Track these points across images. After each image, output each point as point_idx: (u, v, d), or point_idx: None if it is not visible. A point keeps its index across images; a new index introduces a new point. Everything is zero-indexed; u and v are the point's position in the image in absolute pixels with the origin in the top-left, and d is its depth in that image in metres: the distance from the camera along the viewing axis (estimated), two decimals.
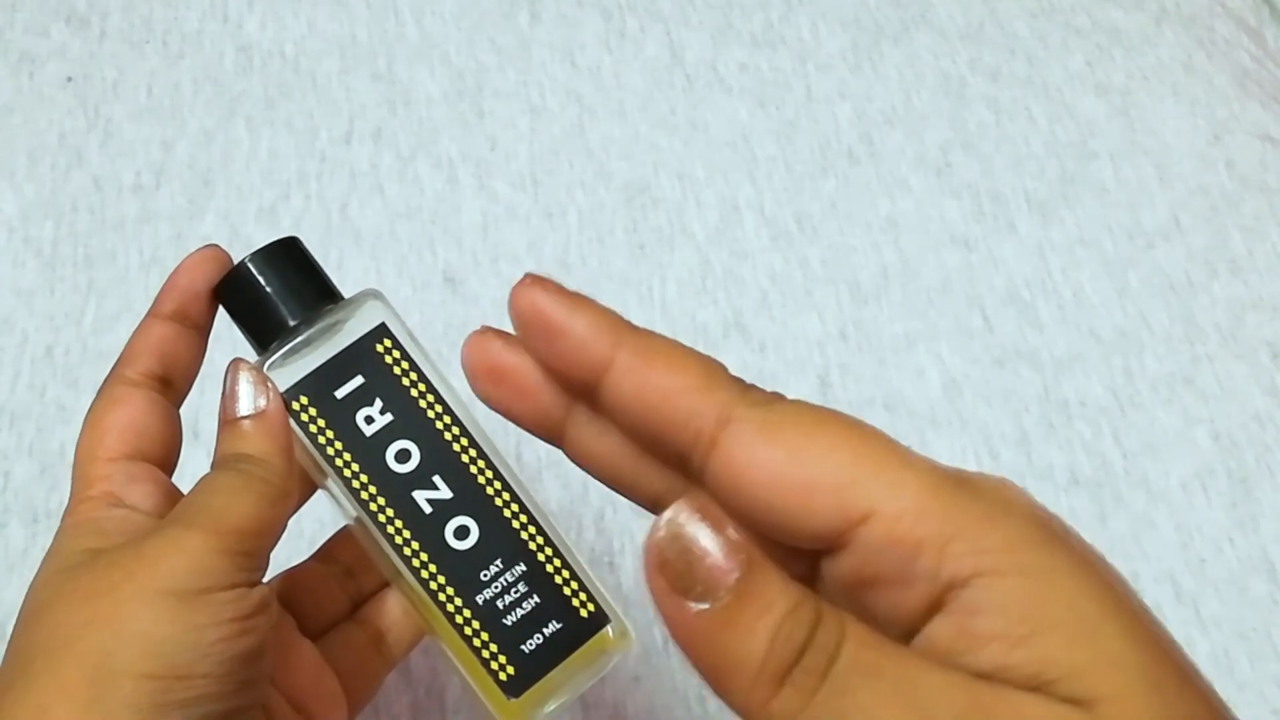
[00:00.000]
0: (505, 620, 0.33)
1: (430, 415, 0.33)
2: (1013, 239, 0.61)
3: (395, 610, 0.36)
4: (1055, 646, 0.20)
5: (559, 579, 0.33)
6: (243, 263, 0.33)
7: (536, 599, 0.33)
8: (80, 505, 0.31)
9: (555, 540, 0.34)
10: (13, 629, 0.29)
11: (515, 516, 0.33)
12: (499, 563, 0.33)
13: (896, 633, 0.21)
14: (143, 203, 0.59)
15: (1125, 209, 0.63)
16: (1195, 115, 0.66)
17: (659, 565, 0.20)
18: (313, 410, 0.32)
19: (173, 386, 0.34)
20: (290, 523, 0.32)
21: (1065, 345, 0.58)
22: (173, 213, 0.59)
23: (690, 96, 0.65)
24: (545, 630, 0.33)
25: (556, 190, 0.61)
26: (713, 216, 0.61)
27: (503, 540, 0.33)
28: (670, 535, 0.20)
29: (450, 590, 0.32)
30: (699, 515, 0.20)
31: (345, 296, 0.34)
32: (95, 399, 0.33)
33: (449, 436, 0.33)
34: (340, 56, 0.65)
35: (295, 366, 0.33)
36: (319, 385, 0.33)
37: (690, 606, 0.20)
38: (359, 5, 0.67)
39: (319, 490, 0.34)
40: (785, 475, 0.21)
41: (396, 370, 0.33)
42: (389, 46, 0.66)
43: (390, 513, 0.32)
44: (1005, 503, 0.21)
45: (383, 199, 0.60)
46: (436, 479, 0.33)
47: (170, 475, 0.33)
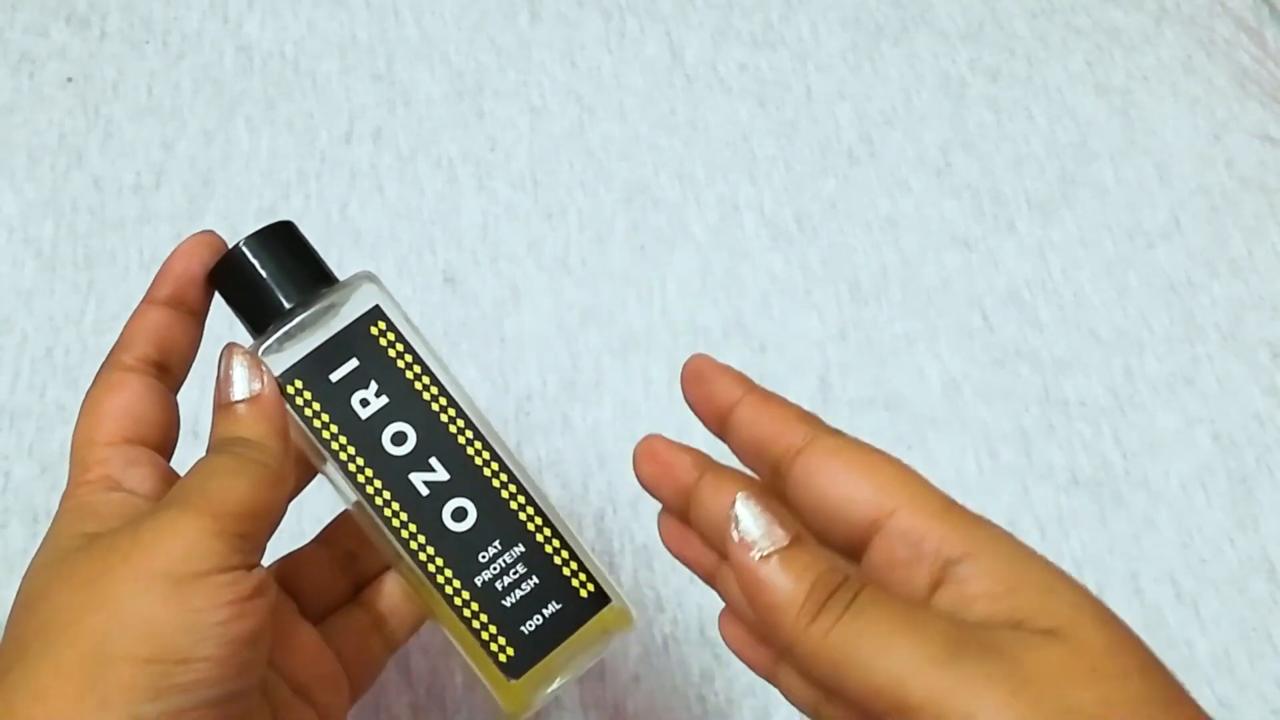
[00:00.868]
0: (504, 601, 0.32)
1: (426, 397, 0.33)
2: (1013, 239, 0.61)
3: (397, 593, 0.36)
4: (1027, 598, 0.26)
5: (558, 559, 0.33)
6: (237, 247, 0.33)
7: (536, 580, 0.33)
8: (77, 489, 0.31)
9: (554, 521, 0.33)
10: (10, 614, 0.29)
11: (513, 498, 0.33)
12: (497, 544, 0.33)
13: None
14: (143, 203, 0.59)
15: (1125, 209, 0.63)
16: (1195, 115, 0.67)
17: (735, 533, 0.28)
18: (308, 394, 0.32)
19: (169, 372, 0.33)
20: (294, 522, 0.32)
21: (1065, 345, 0.58)
22: (173, 213, 0.59)
23: (690, 96, 0.65)
24: (545, 611, 0.33)
25: (556, 190, 0.61)
26: (713, 216, 0.61)
27: (501, 521, 0.33)
28: (744, 507, 0.28)
29: (449, 572, 0.32)
30: (761, 500, 0.28)
31: (340, 280, 0.34)
32: (92, 385, 0.33)
33: (445, 418, 0.33)
34: (340, 56, 0.65)
35: (290, 350, 0.32)
36: (314, 369, 0.32)
37: (756, 555, 0.27)
38: (359, 5, 0.67)
39: (318, 476, 0.34)
40: (845, 477, 0.29)
41: (391, 353, 0.33)
42: (389, 46, 0.66)
43: (387, 495, 0.32)
44: (995, 526, 0.28)
45: (383, 199, 0.60)
46: (433, 461, 0.33)
47: (168, 460, 0.33)
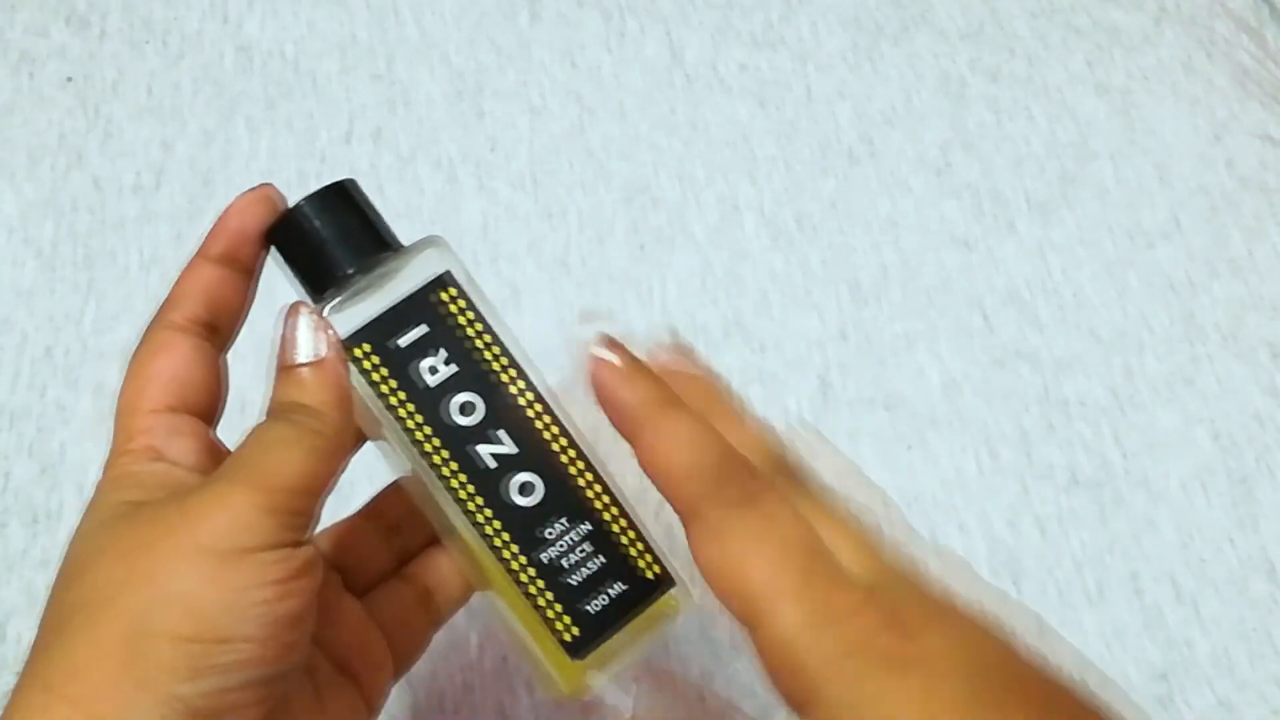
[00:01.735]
0: (569, 580, 0.32)
1: (495, 368, 0.32)
2: (1013, 239, 0.61)
3: (444, 567, 0.35)
4: None
5: (624, 539, 0.32)
6: (299, 205, 0.32)
7: (601, 559, 0.32)
8: (120, 459, 0.30)
9: (621, 500, 0.33)
10: (54, 583, 0.28)
11: (581, 474, 0.32)
12: (563, 521, 0.32)
13: None
14: (143, 203, 0.59)
15: (1125, 209, 0.63)
16: (1195, 115, 0.66)
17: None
18: (375, 359, 0.31)
19: (219, 332, 0.33)
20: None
21: (1065, 345, 0.58)
22: (173, 213, 0.59)
23: (690, 96, 0.65)
24: (610, 591, 0.32)
25: (556, 190, 0.61)
26: (713, 216, 0.61)
27: (568, 498, 0.32)
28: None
29: (514, 548, 0.31)
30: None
31: (402, 244, 0.33)
32: (139, 345, 0.32)
33: (514, 390, 0.32)
34: (340, 56, 0.65)
35: (356, 313, 0.31)
36: (381, 333, 0.31)
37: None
38: (359, 5, 0.67)
39: (365, 447, 0.33)
40: (714, 573, 0.28)
41: (461, 320, 0.32)
42: (389, 46, 0.66)
43: (454, 466, 0.31)
44: (856, 643, 0.26)
45: (382, 199, 0.59)
46: (500, 433, 0.32)
47: (214, 425, 0.32)
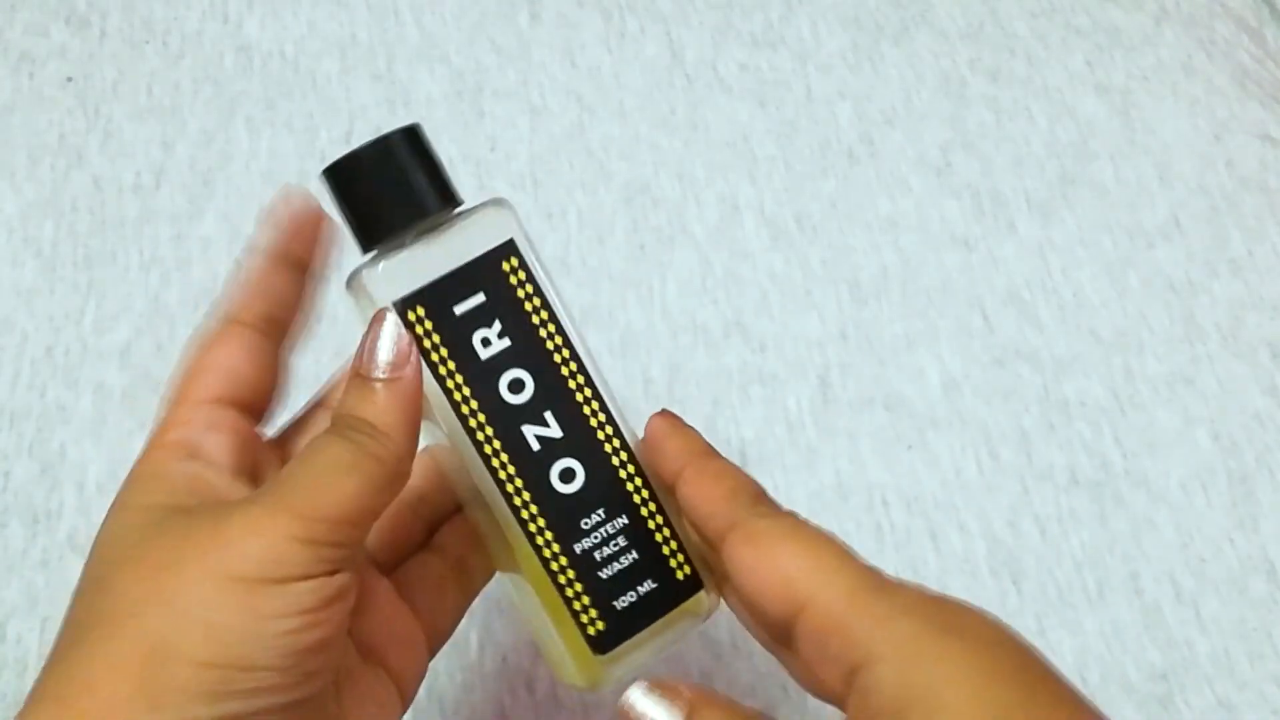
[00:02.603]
0: (601, 573, 0.31)
1: (550, 347, 0.31)
2: (1013, 239, 0.61)
3: (475, 534, 0.34)
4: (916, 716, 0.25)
5: (659, 537, 0.32)
6: (362, 149, 0.30)
7: (635, 555, 0.31)
8: (152, 451, 0.30)
9: (660, 497, 0.32)
10: (77, 585, 0.28)
11: (623, 466, 0.31)
12: (601, 512, 0.31)
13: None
14: (143, 203, 0.59)
15: (1125, 209, 0.63)
16: (1195, 115, 0.66)
17: None
18: (429, 323, 0.30)
19: (279, 325, 0.32)
20: None
21: (1065, 345, 0.58)
22: (173, 213, 0.59)
23: (690, 96, 0.65)
24: (640, 588, 0.31)
25: (556, 190, 0.61)
26: (713, 216, 0.61)
27: (608, 490, 0.31)
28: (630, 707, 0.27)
29: (550, 534, 0.30)
30: (650, 690, 0.28)
31: (465, 202, 0.31)
32: (194, 335, 0.31)
33: (566, 372, 0.31)
34: (340, 56, 0.65)
35: (413, 274, 0.29)
36: (439, 298, 0.30)
37: None
38: (359, 5, 0.67)
39: None
40: (754, 570, 0.28)
41: (521, 293, 0.30)
42: (389, 46, 0.66)
43: (497, 444, 0.30)
44: (910, 604, 0.27)
45: None
46: (549, 415, 0.31)
47: (265, 419, 0.31)
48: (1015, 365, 0.57)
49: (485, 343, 0.30)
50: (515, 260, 0.31)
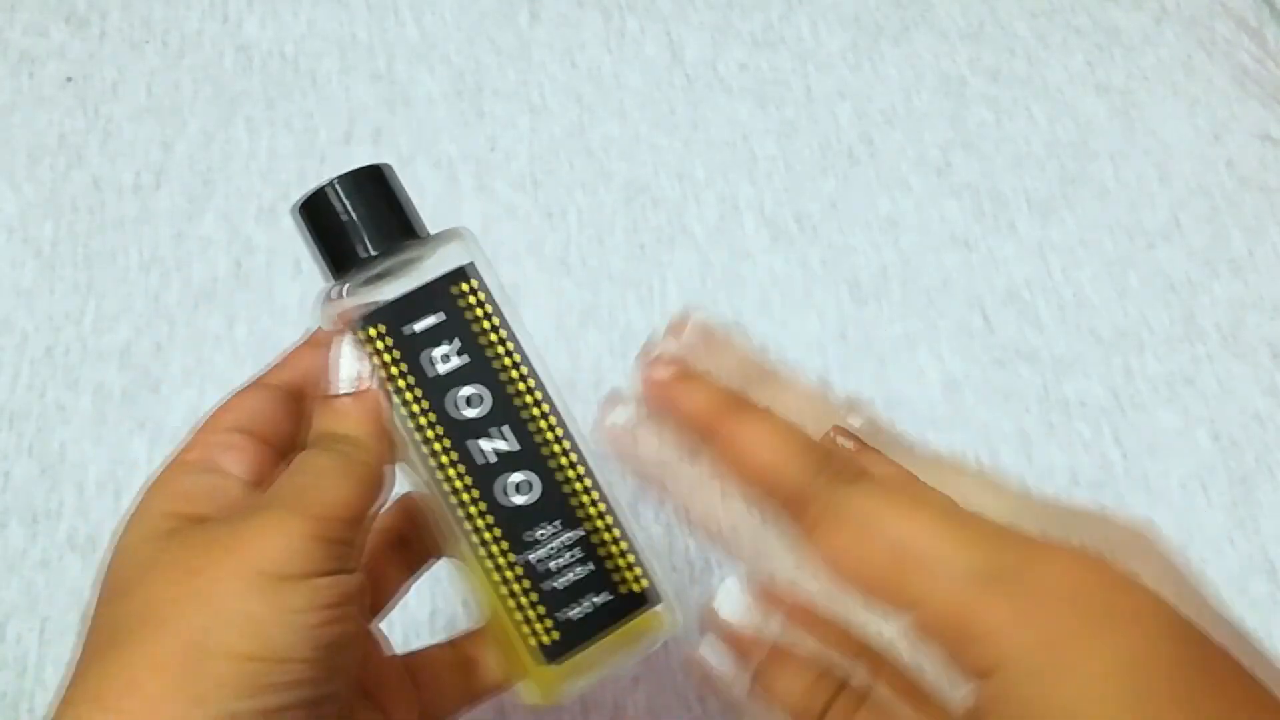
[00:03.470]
0: (554, 584, 0.32)
1: (506, 364, 0.32)
2: (1013, 239, 0.61)
3: (490, 647, 0.35)
4: None
5: (615, 549, 0.32)
6: (330, 184, 0.32)
7: (588, 567, 0.32)
8: (171, 466, 0.31)
9: (615, 510, 0.33)
10: (99, 594, 0.28)
11: (579, 479, 0.32)
12: (555, 524, 0.32)
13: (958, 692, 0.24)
14: (143, 203, 0.59)
15: (1125, 209, 0.63)
16: (1195, 115, 0.66)
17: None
18: (388, 340, 0.31)
19: (308, 402, 0.33)
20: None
21: (1065, 345, 0.58)
22: (173, 213, 0.59)
23: (690, 96, 0.65)
24: (593, 600, 0.32)
25: (556, 190, 0.61)
26: (713, 216, 0.61)
27: (562, 502, 0.32)
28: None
29: (503, 544, 0.31)
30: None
31: (429, 233, 0.33)
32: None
33: (522, 388, 0.32)
34: (340, 56, 0.65)
35: (374, 295, 0.31)
36: (397, 316, 0.31)
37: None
38: (359, 5, 0.67)
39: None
40: (843, 562, 0.25)
41: (478, 313, 0.32)
42: (389, 46, 0.66)
43: (453, 456, 0.31)
44: (1046, 591, 0.22)
45: None
46: (504, 429, 0.32)
47: (277, 460, 0.33)
48: (1015, 365, 0.57)
49: (443, 359, 0.32)
50: (473, 282, 0.32)
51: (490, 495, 0.32)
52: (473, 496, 0.31)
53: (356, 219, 0.32)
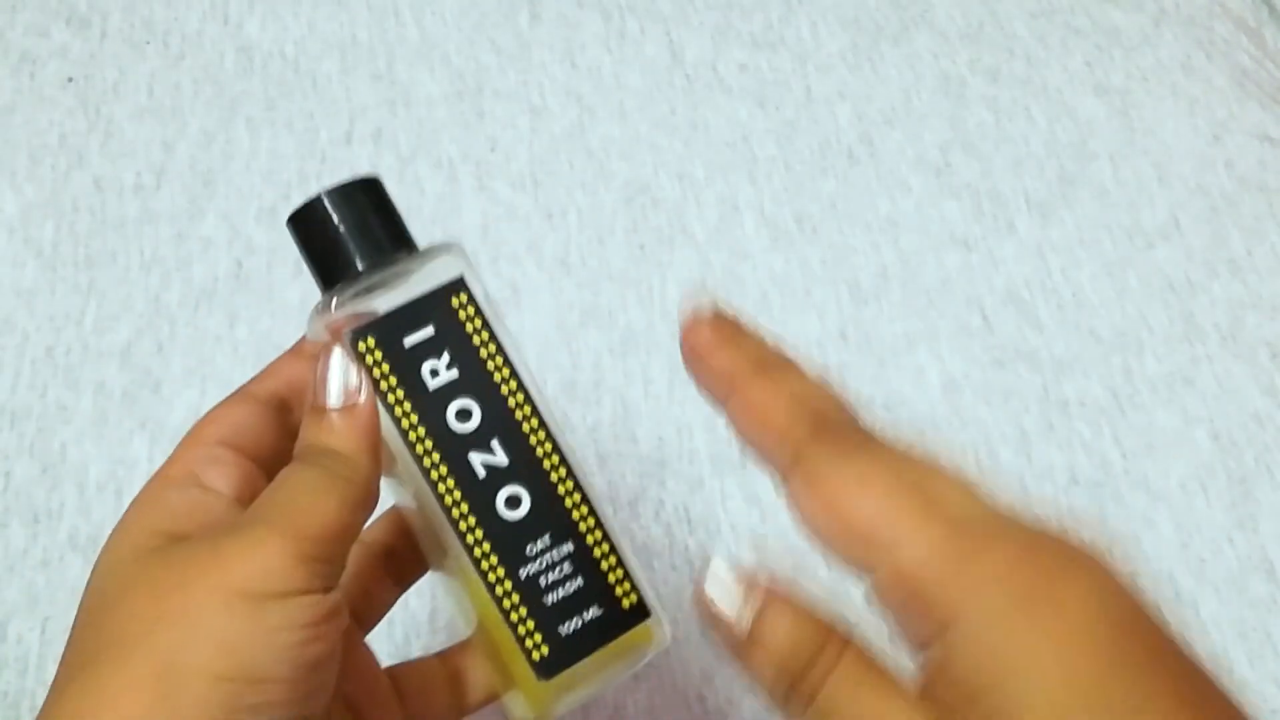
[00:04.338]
0: (546, 599, 0.31)
1: (497, 378, 0.32)
2: (1013, 239, 0.61)
3: (479, 659, 0.35)
4: (1000, 703, 0.23)
5: (605, 564, 0.32)
6: (321, 196, 0.32)
7: (581, 581, 0.32)
8: (155, 482, 0.31)
9: (606, 525, 0.32)
10: (78, 613, 0.28)
11: (569, 494, 0.32)
12: (547, 538, 0.32)
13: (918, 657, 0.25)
14: (143, 203, 0.59)
15: (1125, 209, 0.63)
16: (1195, 115, 0.67)
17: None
18: (379, 353, 0.31)
19: (292, 412, 0.33)
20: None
21: (1065, 345, 0.58)
22: (173, 213, 0.59)
23: (690, 96, 0.65)
24: (585, 615, 0.32)
25: (556, 190, 0.61)
26: (713, 216, 0.61)
27: (554, 516, 0.32)
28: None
29: (495, 559, 0.31)
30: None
31: (419, 247, 0.33)
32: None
33: (513, 403, 0.32)
34: (340, 57, 0.65)
35: (367, 307, 0.31)
36: (389, 330, 0.31)
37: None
38: (359, 5, 0.67)
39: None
40: (821, 522, 0.25)
41: (469, 327, 0.32)
42: (389, 47, 0.66)
43: (444, 470, 0.31)
44: (999, 573, 0.24)
45: None
46: (495, 443, 0.32)
47: (262, 473, 0.32)
48: (1015, 365, 0.57)
49: (434, 373, 0.32)
50: (465, 296, 0.32)
51: (482, 509, 0.31)
52: (464, 510, 0.31)
53: (347, 231, 0.32)
